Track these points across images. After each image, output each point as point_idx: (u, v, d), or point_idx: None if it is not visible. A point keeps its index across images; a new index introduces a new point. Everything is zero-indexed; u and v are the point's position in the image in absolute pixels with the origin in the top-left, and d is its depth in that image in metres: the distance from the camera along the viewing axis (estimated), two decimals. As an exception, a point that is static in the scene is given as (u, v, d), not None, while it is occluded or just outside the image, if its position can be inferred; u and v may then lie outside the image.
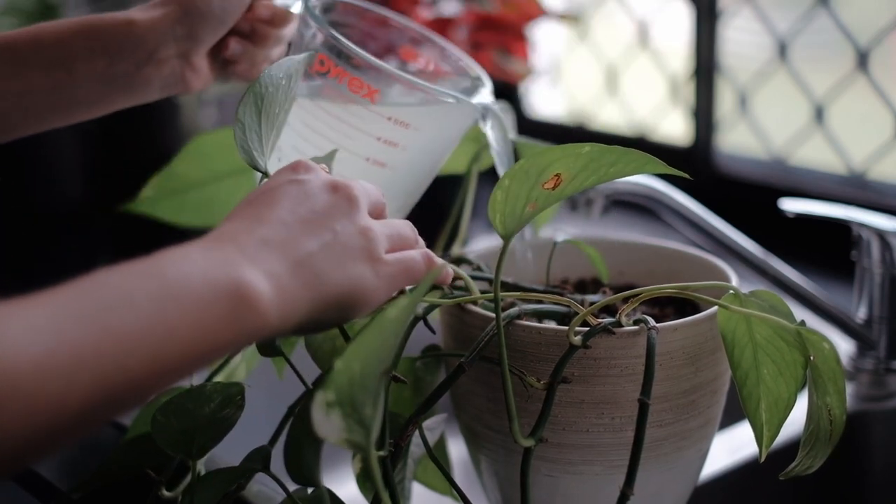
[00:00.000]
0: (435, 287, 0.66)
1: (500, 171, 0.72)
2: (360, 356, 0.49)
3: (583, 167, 0.59)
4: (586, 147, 0.58)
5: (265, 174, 0.63)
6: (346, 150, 0.70)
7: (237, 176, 0.85)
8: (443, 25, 1.36)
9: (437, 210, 0.90)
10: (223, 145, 0.84)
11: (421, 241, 0.62)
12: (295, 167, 0.59)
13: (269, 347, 0.66)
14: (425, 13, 1.30)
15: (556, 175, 0.59)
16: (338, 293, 0.55)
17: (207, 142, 0.84)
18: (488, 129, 0.73)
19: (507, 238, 0.61)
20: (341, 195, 0.58)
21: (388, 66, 0.68)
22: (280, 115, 0.65)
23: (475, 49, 1.29)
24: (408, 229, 0.61)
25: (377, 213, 0.60)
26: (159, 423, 0.63)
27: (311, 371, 0.67)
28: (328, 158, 0.68)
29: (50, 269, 1.41)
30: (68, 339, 0.45)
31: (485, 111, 0.73)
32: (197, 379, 0.71)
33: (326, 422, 0.49)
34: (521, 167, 0.58)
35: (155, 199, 0.84)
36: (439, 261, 0.61)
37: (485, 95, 0.74)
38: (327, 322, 0.57)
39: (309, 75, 0.70)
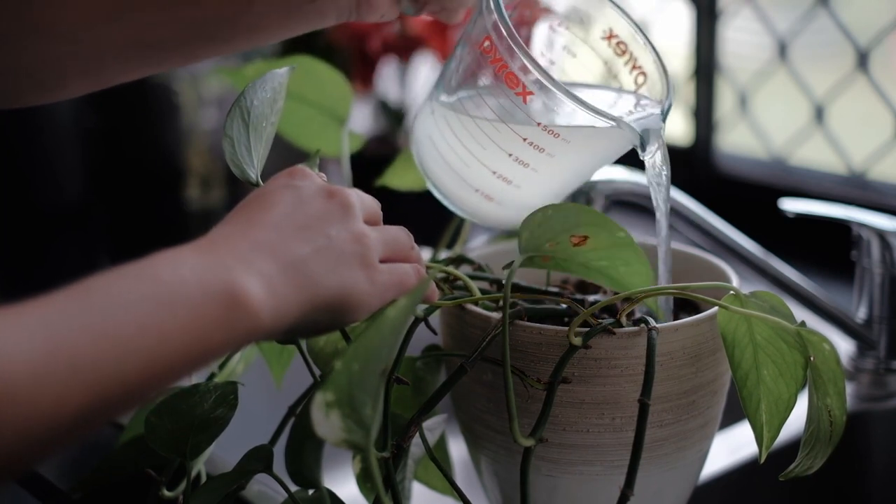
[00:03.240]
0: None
1: (657, 210, 0.68)
2: (359, 356, 0.49)
3: (607, 246, 0.64)
4: (621, 232, 0.64)
5: (256, 184, 0.63)
6: (492, 140, 0.67)
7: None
8: (443, 26, 1.36)
9: (437, 210, 0.90)
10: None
11: (416, 248, 0.62)
12: (291, 173, 0.59)
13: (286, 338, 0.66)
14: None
15: (584, 237, 0.63)
16: (330, 297, 0.55)
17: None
18: (647, 159, 0.66)
19: (523, 253, 0.63)
20: (336, 201, 0.58)
21: (550, 75, 0.63)
22: (267, 127, 0.65)
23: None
24: (403, 236, 0.61)
25: (372, 221, 0.60)
26: (152, 425, 0.63)
27: (307, 375, 0.67)
28: (312, 163, 0.67)
29: (50, 268, 1.41)
30: (64, 344, 0.45)
31: (645, 138, 0.65)
32: (196, 379, 0.71)
33: (326, 422, 0.49)
34: (570, 206, 0.63)
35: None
36: (426, 276, 0.62)
37: (652, 116, 0.67)
38: (320, 326, 0.57)
39: (476, 54, 0.66)
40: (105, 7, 0.64)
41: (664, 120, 0.67)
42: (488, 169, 0.68)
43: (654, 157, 0.66)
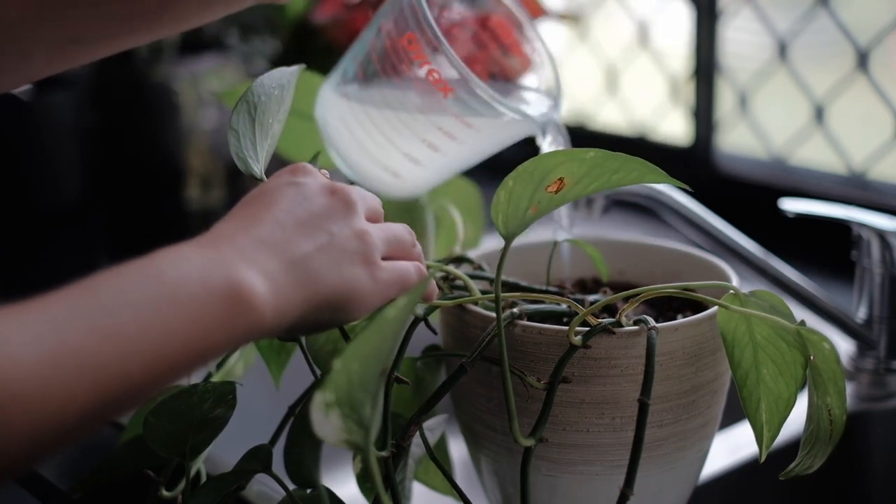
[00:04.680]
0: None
1: None
2: (358, 356, 0.49)
3: (586, 173, 0.59)
4: (590, 153, 0.58)
5: (260, 180, 0.63)
6: (407, 126, 0.70)
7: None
8: (447, 27, 1.36)
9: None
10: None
11: (418, 245, 0.62)
12: (293, 170, 0.59)
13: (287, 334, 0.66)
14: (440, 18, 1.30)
15: (559, 179, 0.59)
16: (332, 294, 0.55)
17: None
18: (545, 146, 0.72)
19: (508, 238, 0.61)
20: (338, 199, 0.58)
21: (470, 72, 0.67)
22: (274, 124, 0.66)
23: (477, 49, 1.29)
24: (405, 233, 0.61)
25: (374, 218, 0.60)
26: (151, 425, 0.63)
27: (306, 374, 0.67)
28: (313, 161, 0.68)
29: (49, 267, 1.41)
30: (69, 344, 0.45)
31: (545, 127, 0.72)
32: (195, 379, 0.71)
33: (325, 422, 0.49)
34: (525, 169, 0.58)
35: None
36: (427, 275, 0.62)
37: (551, 108, 0.74)
38: (322, 323, 0.57)
39: (398, 48, 0.69)
40: (36, 5, 0.64)
41: (558, 108, 0.74)
42: (401, 151, 0.71)
43: (553, 145, 0.72)
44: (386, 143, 0.71)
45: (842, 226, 0.92)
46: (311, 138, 0.84)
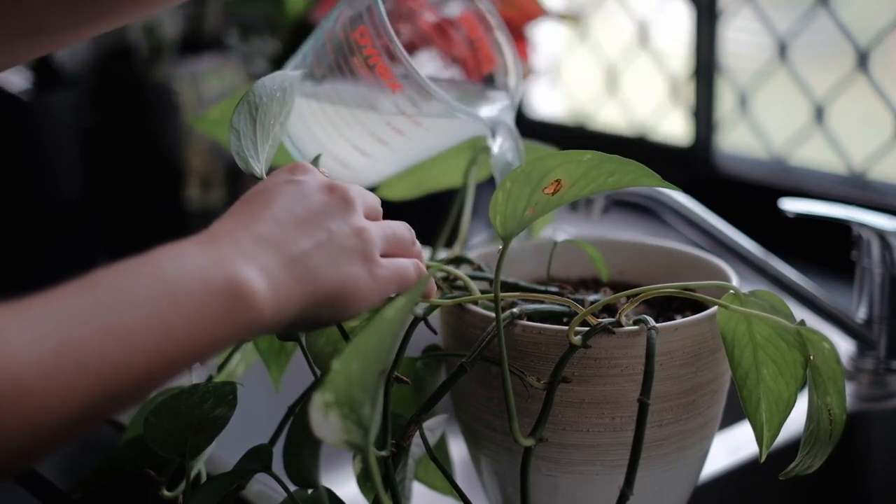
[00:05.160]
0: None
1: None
2: (357, 356, 0.49)
3: (583, 174, 0.59)
4: (587, 155, 0.59)
5: (261, 178, 0.63)
6: (357, 120, 0.71)
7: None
8: (443, 26, 1.36)
9: (437, 210, 0.90)
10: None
11: (418, 244, 0.62)
12: (292, 168, 0.59)
13: (287, 333, 0.66)
14: (429, 15, 1.30)
15: (556, 181, 0.59)
16: (331, 291, 0.55)
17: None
18: (494, 147, 0.72)
19: (506, 239, 0.61)
20: (337, 196, 0.58)
21: (418, 71, 0.67)
22: (275, 126, 0.66)
23: (476, 49, 1.29)
24: (405, 231, 0.62)
25: (373, 216, 0.60)
26: (152, 425, 0.63)
27: (306, 374, 0.67)
28: (315, 162, 0.68)
29: (48, 267, 1.41)
30: (71, 341, 0.46)
31: (495, 128, 0.72)
32: (196, 379, 0.71)
33: (325, 423, 0.49)
34: (523, 171, 0.58)
35: (219, 122, 0.85)
36: (426, 272, 0.62)
37: (502, 110, 0.73)
38: (321, 320, 0.57)
39: (351, 42, 0.69)
40: None
41: (513, 110, 0.74)
42: (350, 143, 0.72)
43: (503, 147, 0.72)
44: (336, 134, 0.71)
45: (842, 226, 0.92)
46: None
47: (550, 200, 0.60)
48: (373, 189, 0.76)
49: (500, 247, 0.62)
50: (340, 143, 0.72)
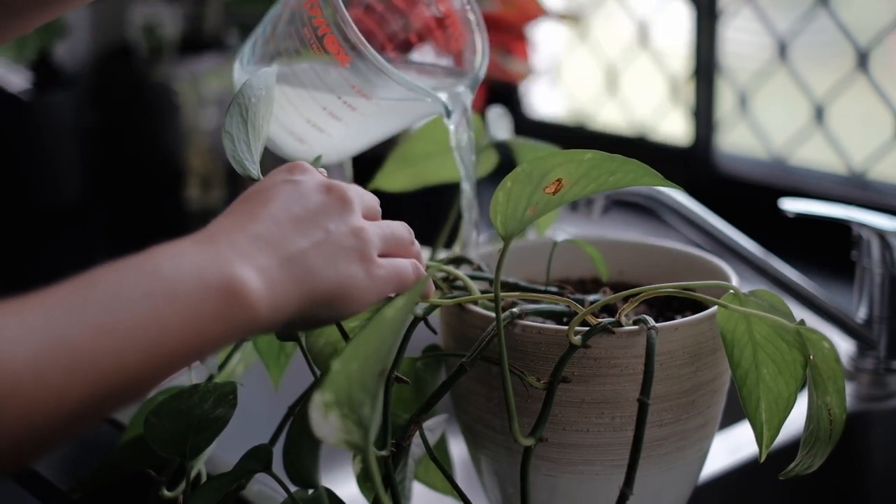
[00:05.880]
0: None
1: (461, 170, 0.73)
2: (357, 356, 0.49)
3: (584, 174, 0.59)
4: (588, 154, 0.59)
5: (257, 180, 0.63)
6: (308, 93, 0.70)
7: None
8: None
9: (436, 210, 0.90)
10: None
11: (416, 244, 0.62)
12: (291, 168, 0.59)
13: (286, 333, 0.66)
14: (426, 13, 1.30)
15: (557, 180, 0.59)
16: (328, 290, 0.55)
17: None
18: (450, 127, 0.71)
19: (507, 239, 0.61)
20: (335, 196, 0.58)
21: (363, 40, 0.66)
22: (264, 125, 0.66)
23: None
24: (403, 231, 0.61)
25: (371, 216, 0.60)
26: (152, 425, 0.63)
27: (306, 374, 0.67)
28: (315, 163, 0.68)
29: (48, 267, 1.41)
30: (65, 338, 0.46)
31: (450, 107, 0.70)
32: (196, 379, 0.71)
33: (324, 423, 0.49)
34: (524, 170, 0.58)
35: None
36: (424, 273, 0.62)
37: (462, 90, 0.72)
38: (318, 319, 0.57)
39: (301, 12, 0.68)
40: None
41: (472, 90, 0.72)
42: (303, 117, 0.71)
43: (458, 126, 0.71)
44: (290, 107, 0.71)
45: (842, 226, 0.92)
46: None
47: (551, 200, 0.60)
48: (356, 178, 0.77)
49: (500, 247, 0.62)
50: (294, 117, 0.71)
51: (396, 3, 0.78)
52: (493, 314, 0.66)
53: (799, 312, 0.71)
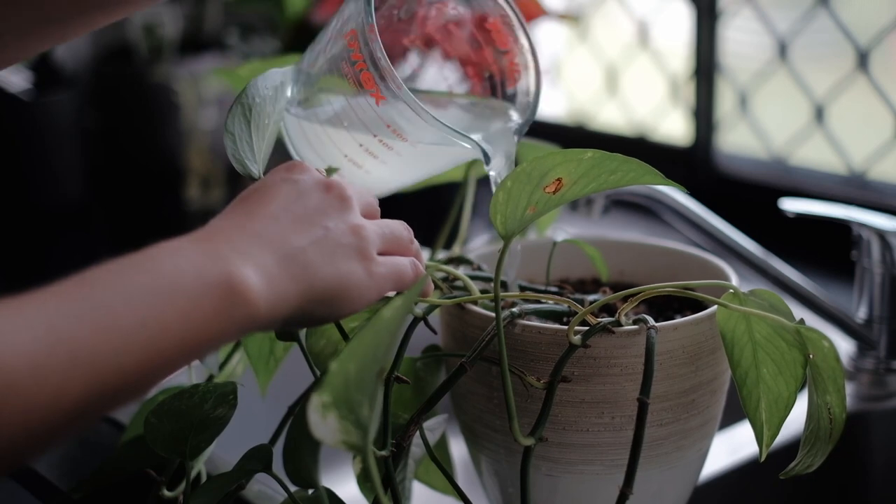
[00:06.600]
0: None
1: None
2: (355, 357, 0.49)
3: (584, 173, 0.59)
4: (588, 153, 0.59)
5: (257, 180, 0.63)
6: (344, 127, 0.68)
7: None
8: (440, 24, 1.36)
9: (436, 210, 0.90)
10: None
11: (416, 243, 0.62)
12: (290, 167, 0.59)
13: (286, 332, 0.66)
14: (433, 14, 1.30)
15: (557, 179, 0.59)
16: (327, 288, 0.55)
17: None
18: (491, 172, 0.68)
19: (507, 238, 0.61)
20: (334, 194, 0.58)
21: (404, 86, 0.63)
22: (269, 125, 0.65)
23: (475, 49, 1.29)
24: (402, 229, 0.62)
25: (370, 214, 0.60)
26: (152, 425, 0.63)
27: (306, 374, 0.67)
28: (331, 172, 0.68)
29: (49, 267, 1.41)
30: (64, 336, 0.46)
31: (490, 154, 0.67)
32: (196, 379, 0.71)
33: (323, 424, 0.48)
34: (523, 170, 0.58)
35: (245, 79, 0.84)
36: (423, 272, 0.62)
37: (506, 131, 0.68)
38: (317, 317, 0.57)
39: (342, 44, 0.66)
40: None
41: (519, 134, 0.68)
42: (341, 152, 0.69)
43: (500, 173, 0.67)
44: (329, 142, 0.70)
45: (842, 226, 0.92)
46: None
47: (551, 199, 0.60)
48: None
49: (500, 247, 0.62)
50: (330, 148, 0.70)
51: (457, 44, 0.77)
52: (492, 314, 0.66)
53: (799, 312, 0.71)
